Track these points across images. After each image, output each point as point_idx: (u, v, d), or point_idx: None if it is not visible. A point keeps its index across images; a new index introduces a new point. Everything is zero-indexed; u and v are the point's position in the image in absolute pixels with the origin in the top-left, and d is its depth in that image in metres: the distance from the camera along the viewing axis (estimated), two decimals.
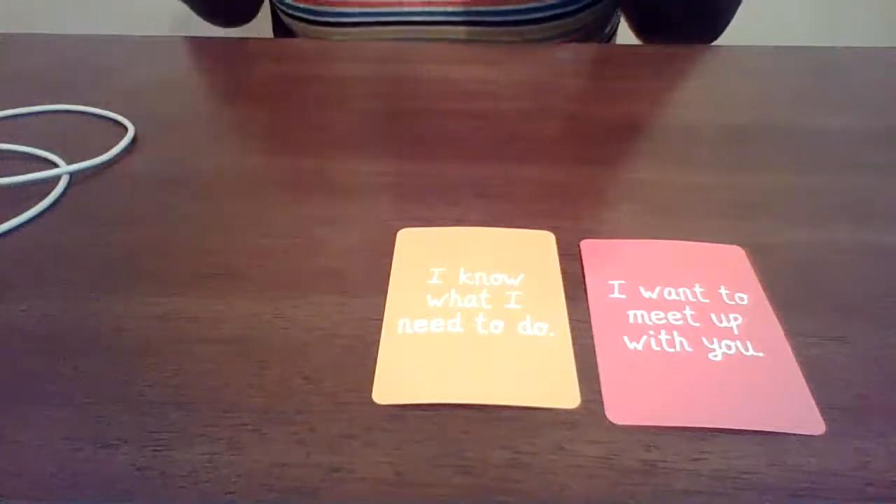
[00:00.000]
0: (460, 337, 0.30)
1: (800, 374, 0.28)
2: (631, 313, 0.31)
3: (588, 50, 0.60)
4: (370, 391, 0.28)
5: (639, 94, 0.50)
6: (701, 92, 0.52)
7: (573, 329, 0.30)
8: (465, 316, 0.31)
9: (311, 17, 0.63)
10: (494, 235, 0.36)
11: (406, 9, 0.61)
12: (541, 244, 0.35)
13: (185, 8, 0.69)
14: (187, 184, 0.41)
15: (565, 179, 0.41)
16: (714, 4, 0.60)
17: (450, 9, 0.60)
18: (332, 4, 0.61)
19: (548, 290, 0.32)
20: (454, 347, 0.29)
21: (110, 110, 0.47)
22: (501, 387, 0.28)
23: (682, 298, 0.32)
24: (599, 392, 0.28)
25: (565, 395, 0.27)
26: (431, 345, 0.30)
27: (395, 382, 0.28)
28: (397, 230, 0.36)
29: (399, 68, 0.55)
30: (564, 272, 0.33)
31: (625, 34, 0.70)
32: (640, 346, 0.29)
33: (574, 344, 0.30)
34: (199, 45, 0.60)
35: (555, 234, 0.36)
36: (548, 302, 0.32)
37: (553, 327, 0.30)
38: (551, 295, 0.32)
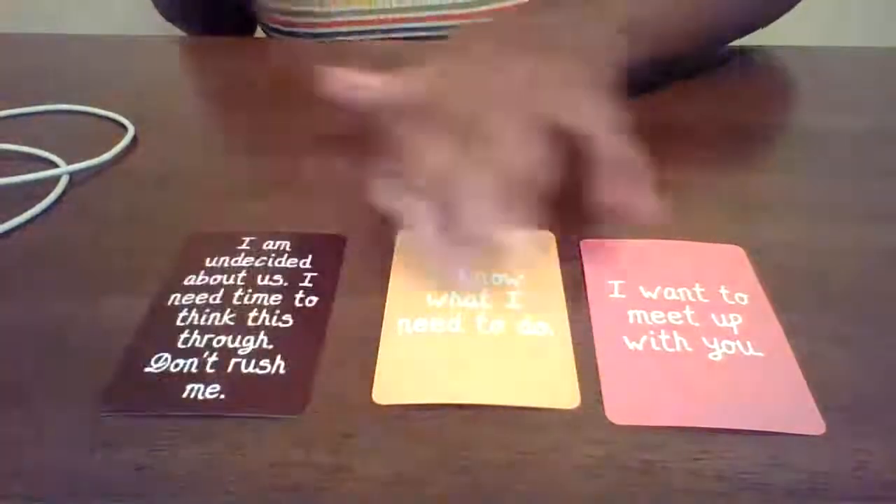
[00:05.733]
0: (460, 337, 0.30)
1: (800, 374, 0.28)
2: (631, 313, 0.31)
3: None
4: (370, 391, 0.28)
5: None
6: (700, 92, 0.51)
7: (573, 329, 0.30)
8: (466, 316, 0.31)
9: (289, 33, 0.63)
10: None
11: (390, 25, 0.60)
12: (541, 244, 0.35)
13: None
14: (187, 184, 0.41)
15: (565, 179, 0.41)
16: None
17: (442, 24, 0.60)
18: (311, 27, 0.61)
19: (548, 291, 0.32)
20: (454, 347, 0.29)
21: (110, 110, 0.47)
22: (501, 387, 0.28)
23: (682, 298, 0.32)
24: (599, 392, 0.28)
25: (565, 395, 0.27)
26: (431, 345, 0.30)
27: (396, 382, 0.28)
28: (398, 229, 0.36)
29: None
30: (564, 272, 0.33)
31: None
32: (640, 346, 0.29)
33: (574, 344, 0.30)
34: (199, 45, 0.61)
35: (555, 234, 0.36)
36: (548, 302, 0.32)
37: (553, 327, 0.30)
38: (551, 295, 0.32)
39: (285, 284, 0.32)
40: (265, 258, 0.34)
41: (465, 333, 0.30)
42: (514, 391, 0.28)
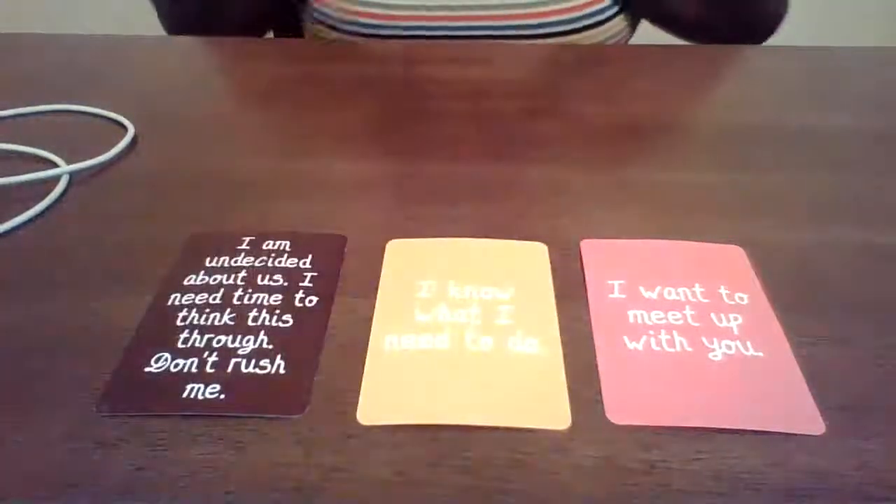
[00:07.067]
0: (449, 354, 0.29)
1: (800, 374, 0.28)
2: (631, 313, 0.31)
3: (588, 50, 0.60)
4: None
5: (639, 94, 0.50)
6: (701, 92, 0.52)
7: (573, 330, 0.30)
8: (455, 332, 0.30)
9: (343, 27, 0.62)
10: (485, 247, 0.35)
11: (442, 23, 0.60)
12: (533, 256, 0.34)
13: None
14: (187, 184, 0.41)
15: (565, 179, 0.41)
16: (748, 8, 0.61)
17: (489, 23, 0.60)
18: (364, 16, 0.61)
19: (539, 305, 0.32)
20: (442, 366, 0.29)
21: (110, 110, 0.47)
22: (490, 407, 0.27)
23: (682, 298, 0.32)
24: (599, 392, 0.28)
25: (556, 415, 0.27)
26: (419, 363, 0.29)
27: (381, 403, 0.27)
28: (396, 230, 0.36)
29: (399, 68, 0.55)
30: (564, 272, 0.33)
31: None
32: (640, 346, 0.29)
33: (573, 345, 0.30)
34: (199, 45, 0.61)
35: (554, 233, 0.36)
36: (539, 317, 0.31)
37: (544, 343, 0.30)
38: (543, 309, 0.31)
39: (285, 284, 0.32)
40: (265, 258, 0.34)
41: (453, 351, 0.29)
42: (503, 412, 0.27)
